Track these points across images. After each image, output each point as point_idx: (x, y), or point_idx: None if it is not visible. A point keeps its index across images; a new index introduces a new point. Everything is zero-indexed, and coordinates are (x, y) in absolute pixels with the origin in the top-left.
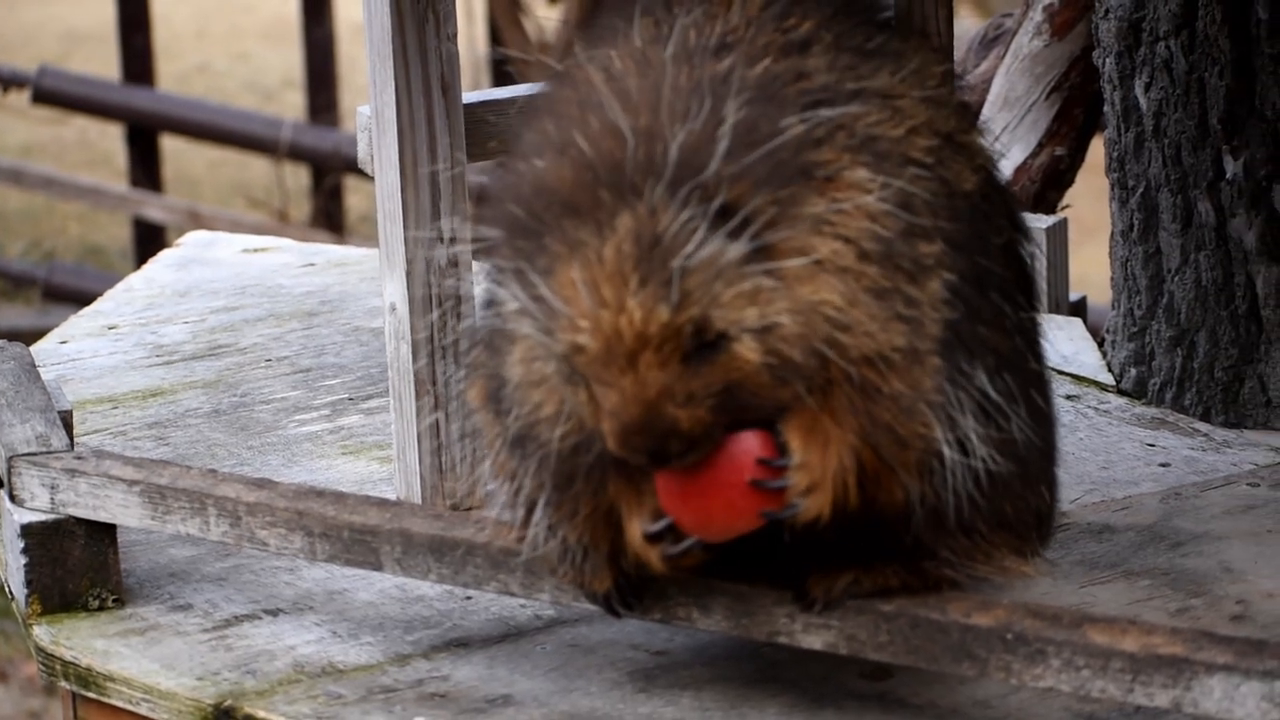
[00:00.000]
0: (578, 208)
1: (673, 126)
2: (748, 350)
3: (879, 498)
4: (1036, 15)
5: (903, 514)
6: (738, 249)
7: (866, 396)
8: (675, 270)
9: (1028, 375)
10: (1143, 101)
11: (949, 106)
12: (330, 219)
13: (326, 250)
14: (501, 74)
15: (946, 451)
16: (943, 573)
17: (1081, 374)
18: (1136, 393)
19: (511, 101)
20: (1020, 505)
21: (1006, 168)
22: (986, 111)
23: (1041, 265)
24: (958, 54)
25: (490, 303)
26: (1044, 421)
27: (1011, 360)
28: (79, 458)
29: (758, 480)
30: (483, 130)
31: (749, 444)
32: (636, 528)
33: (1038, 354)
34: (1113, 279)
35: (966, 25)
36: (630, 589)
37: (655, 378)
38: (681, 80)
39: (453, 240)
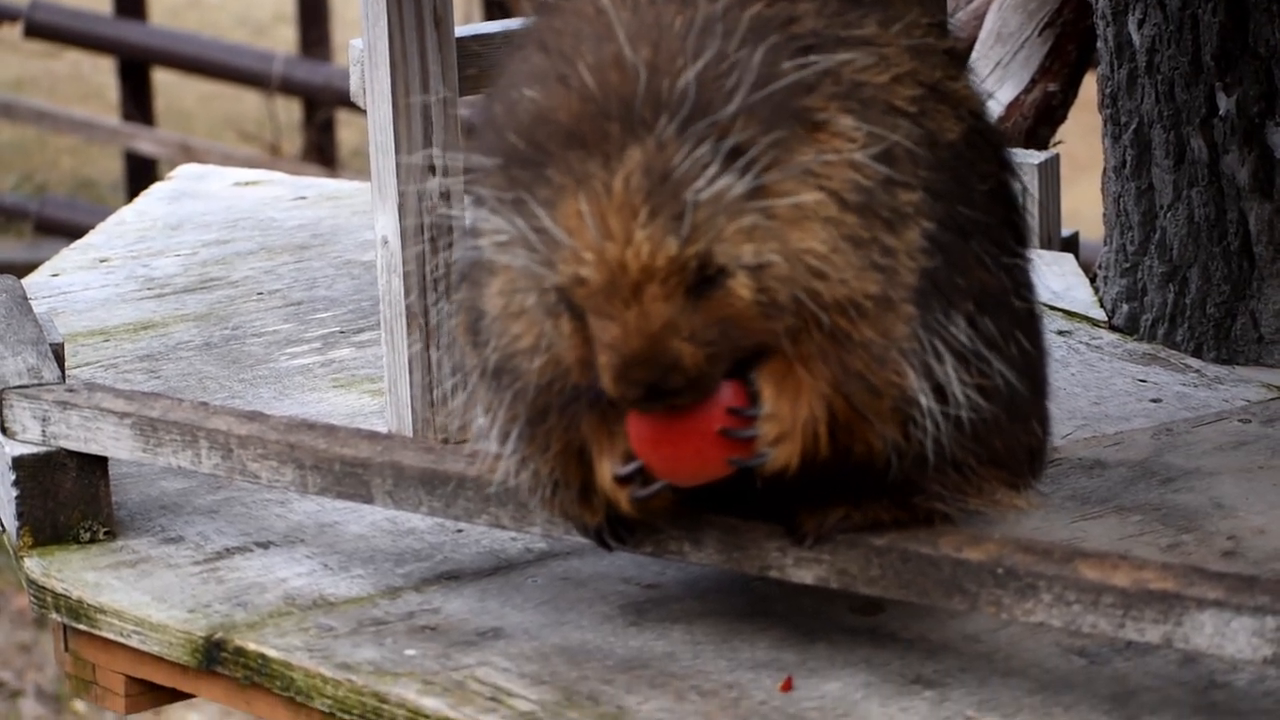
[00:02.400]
0: (584, 139)
1: (684, 63)
2: (742, 287)
3: (854, 447)
4: None
5: (884, 460)
6: (741, 186)
7: (838, 344)
8: (687, 203)
9: (1013, 316)
10: (1136, 37)
11: (936, 55)
12: (322, 153)
13: (318, 184)
14: (493, 8)
15: (922, 399)
16: (933, 506)
17: (1073, 310)
18: (1128, 328)
19: (503, 35)
20: (1011, 441)
21: (999, 104)
22: (979, 48)
23: (1034, 201)
24: None
25: (473, 233)
26: (1032, 361)
27: (995, 304)
28: (70, 390)
29: (727, 429)
30: (475, 64)
31: (721, 392)
32: (607, 468)
33: (1025, 294)
34: (1105, 215)
35: None
36: (622, 523)
37: (660, 310)
38: (678, 19)
39: (445, 173)
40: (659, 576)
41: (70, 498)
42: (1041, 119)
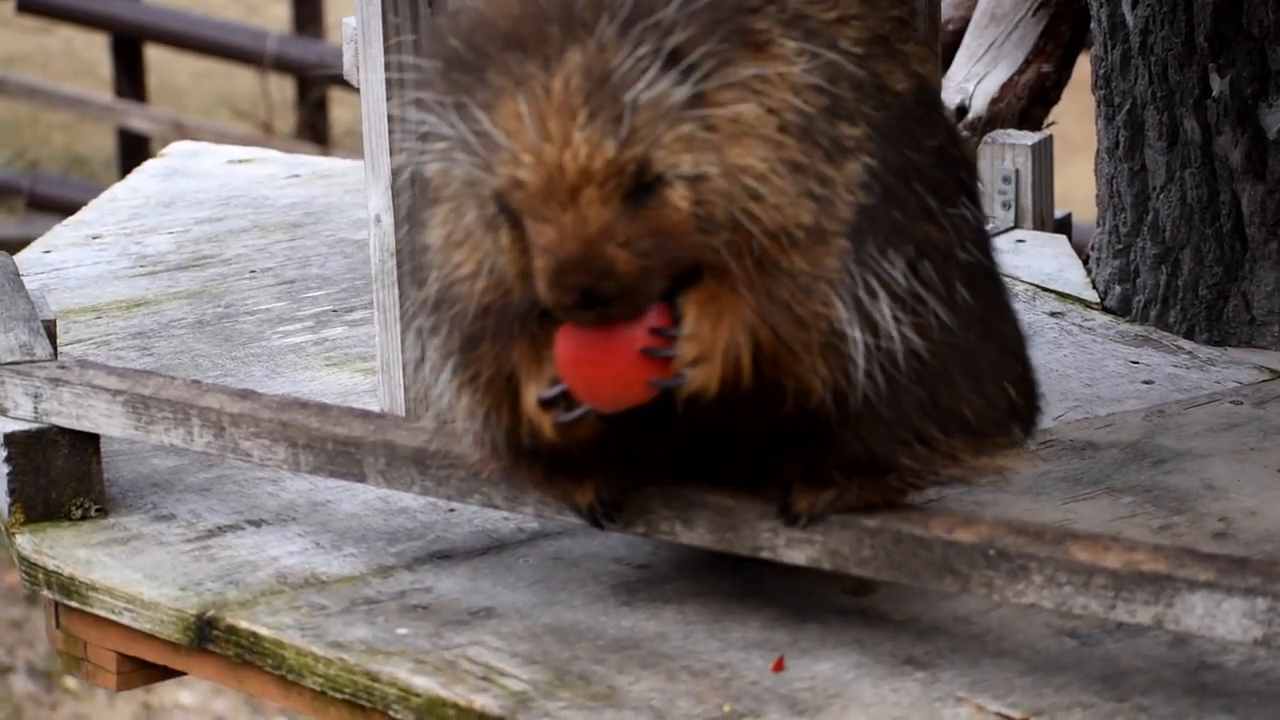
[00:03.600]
0: (523, 41)
1: None
2: (679, 197)
3: (786, 383)
4: None
5: (824, 406)
6: (681, 93)
7: (765, 272)
8: (626, 105)
9: (957, 266)
10: (1130, 18)
11: (886, 14)
12: (315, 131)
13: (311, 162)
14: None
15: (853, 333)
16: (913, 483)
17: (1066, 291)
18: (1121, 310)
19: None
20: (977, 405)
21: (992, 84)
22: (972, 29)
23: (1027, 182)
24: None
25: (419, 140)
26: (979, 314)
27: (937, 252)
28: (63, 367)
29: (647, 348)
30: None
31: (647, 314)
32: (532, 392)
33: (973, 248)
34: (1098, 196)
35: None
36: (613, 502)
37: (596, 214)
38: None
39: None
40: (651, 557)
41: (62, 475)
42: (1035, 100)
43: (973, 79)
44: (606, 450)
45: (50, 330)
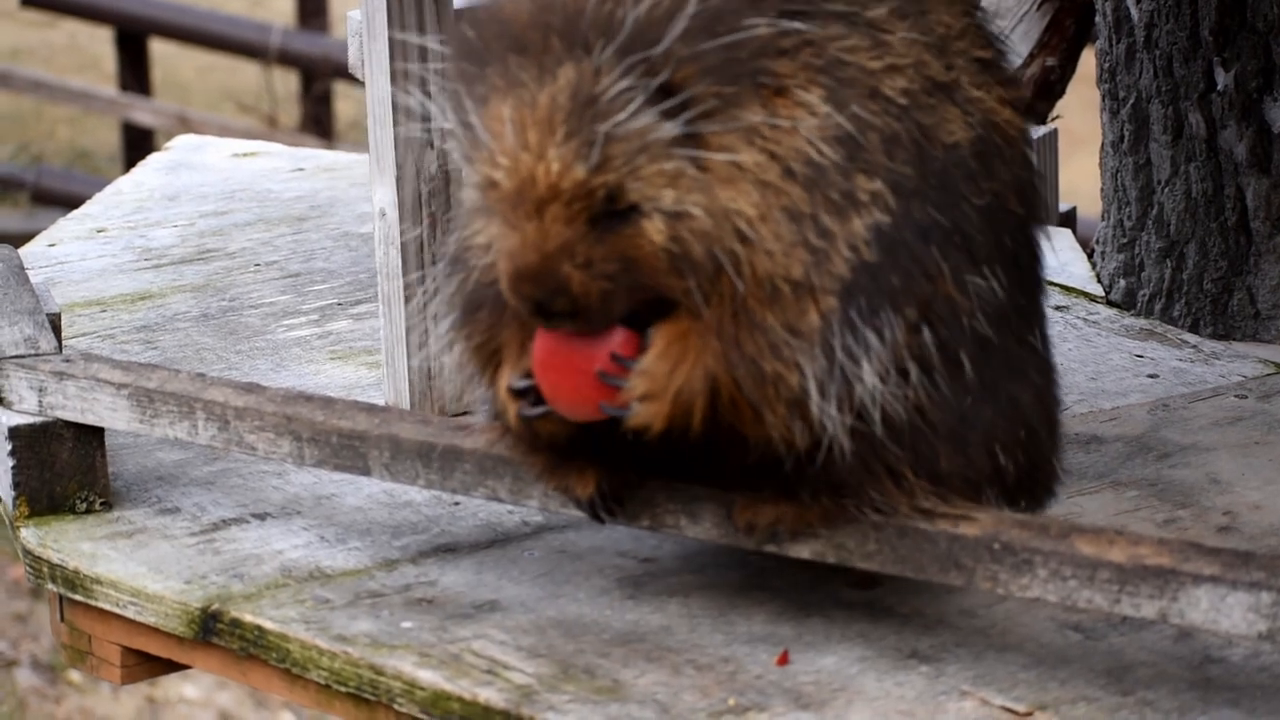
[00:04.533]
0: (526, 46)
1: None
2: (654, 229)
3: (744, 430)
4: None
5: (782, 449)
6: (670, 129)
7: (738, 323)
8: (600, 134)
9: (964, 338)
10: (1134, 12)
11: (960, 57)
12: (319, 125)
13: (316, 155)
14: None
15: (814, 399)
16: (865, 513)
17: (1070, 285)
18: (1125, 304)
19: None
20: (956, 462)
21: None
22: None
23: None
24: None
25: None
26: (996, 384)
27: (945, 319)
28: (67, 360)
29: (603, 372)
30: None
31: (614, 337)
32: (506, 377)
33: (990, 321)
34: (1103, 190)
35: None
36: (614, 496)
37: (557, 231)
38: None
39: (443, 146)
40: (655, 550)
41: (67, 468)
42: (1040, 93)
43: None
44: (599, 444)
45: (55, 324)
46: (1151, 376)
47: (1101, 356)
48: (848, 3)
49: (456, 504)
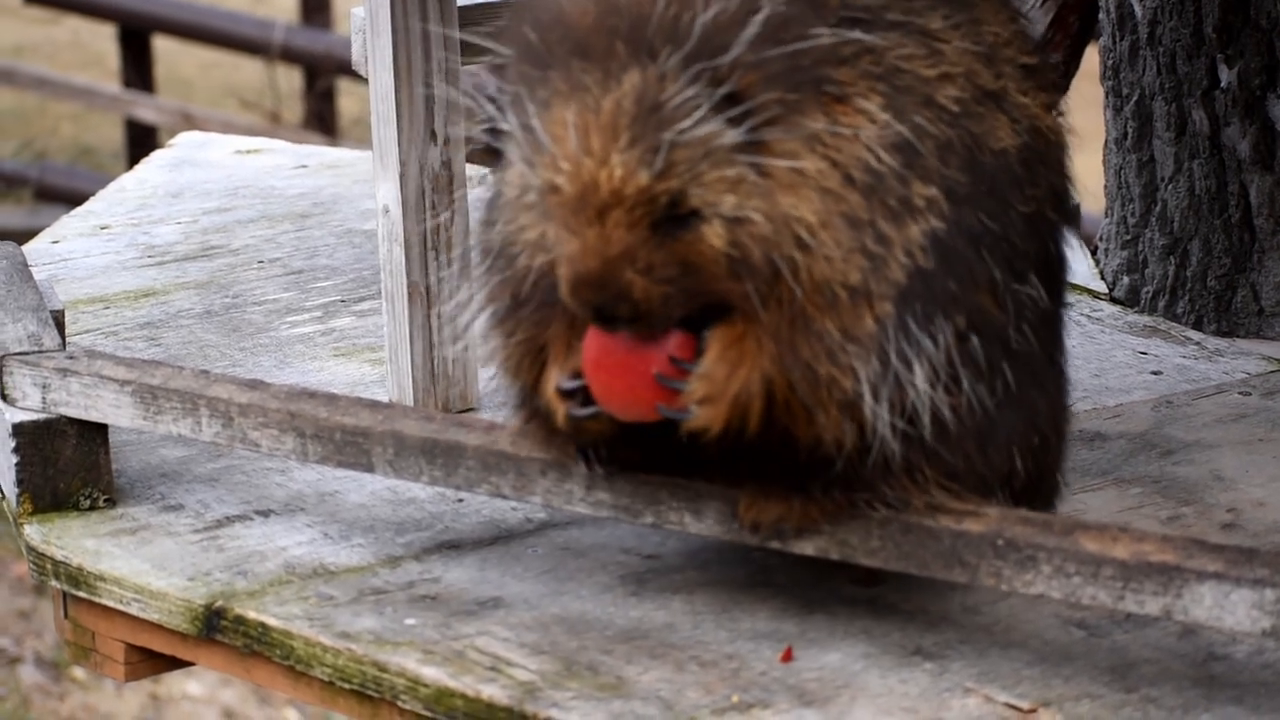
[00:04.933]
0: (590, 51)
1: (703, 1)
2: (715, 235)
3: (796, 432)
4: None
5: (835, 451)
6: (733, 136)
7: (795, 327)
8: (665, 141)
9: (1006, 349)
10: (1138, 9)
11: (1007, 64)
12: (323, 121)
13: (319, 152)
14: None
15: (867, 403)
16: (874, 508)
17: (1074, 281)
18: (1129, 301)
19: (505, 4)
20: (975, 462)
21: None
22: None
23: None
24: None
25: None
26: (1023, 391)
27: (989, 328)
28: (71, 357)
29: (661, 375)
30: (477, 32)
31: (671, 340)
32: (554, 377)
33: (1031, 333)
34: (1106, 187)
35: None
36: (609, 459)
37: (620, 237)
38: None
39: (446, 142)
40: (659, 547)
41: (70, 465)
42: None
43: None
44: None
45: (58, 321)
46: (1155, 373)
47: (1105, 353)
48: (904, 12)
49: (460, 501)
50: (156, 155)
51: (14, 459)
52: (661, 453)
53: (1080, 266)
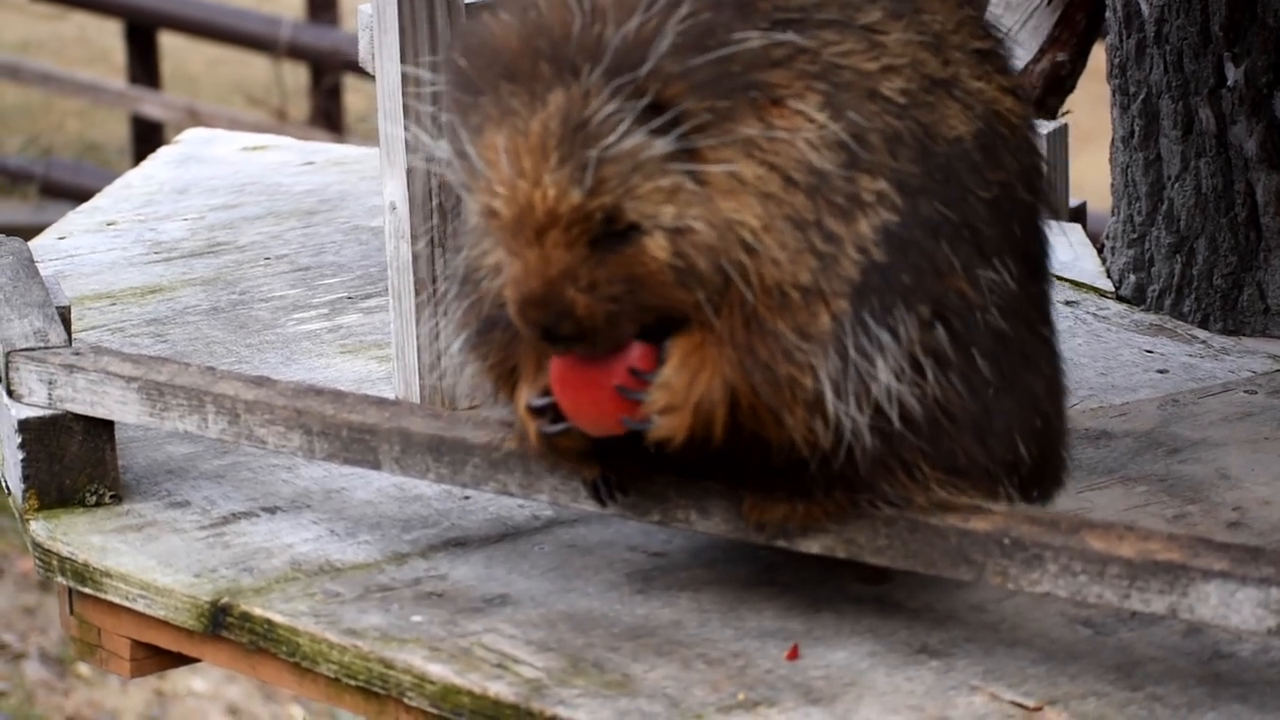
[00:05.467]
0: (517, 74)
1: (623, 12)
2: (657, 246)
3: (766, 435)
4: None
5: (808, 452)
6: (662, 146)
7: (750, 330)
8: (592, 158)
9: (981, 330)
10: (1145, 7)
11: (958, 51)
12: (329, 118)
13: (326, 149)
14: None
15: (829, 399)
16: (878, 507)
17: (1080, 280)
18: (1135, 299)
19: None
20: (976, 453)
21: None
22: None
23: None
24: None
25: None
26: (1012, 374)
27: (957, 314)
28: (77, 353)
29: (622, 386)
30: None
31: (631, 352)
32: (524, 395)
33: (1004, 314)
34: (1113, 185)
35: None
36: (618, 483)
37: (559, 256)
38: None
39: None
40: (666, 545)
41: (76, 461)
42: (1050, 89)
43: None
44: (615, 446)
45: (65, 317)
46: (1161, 372)
47: (1111, 352)
48: (840, 8)
49: (466, 498)
50: (163, 151)
51: (20, 455)
52: (658, 463)
53: (1087, 264)
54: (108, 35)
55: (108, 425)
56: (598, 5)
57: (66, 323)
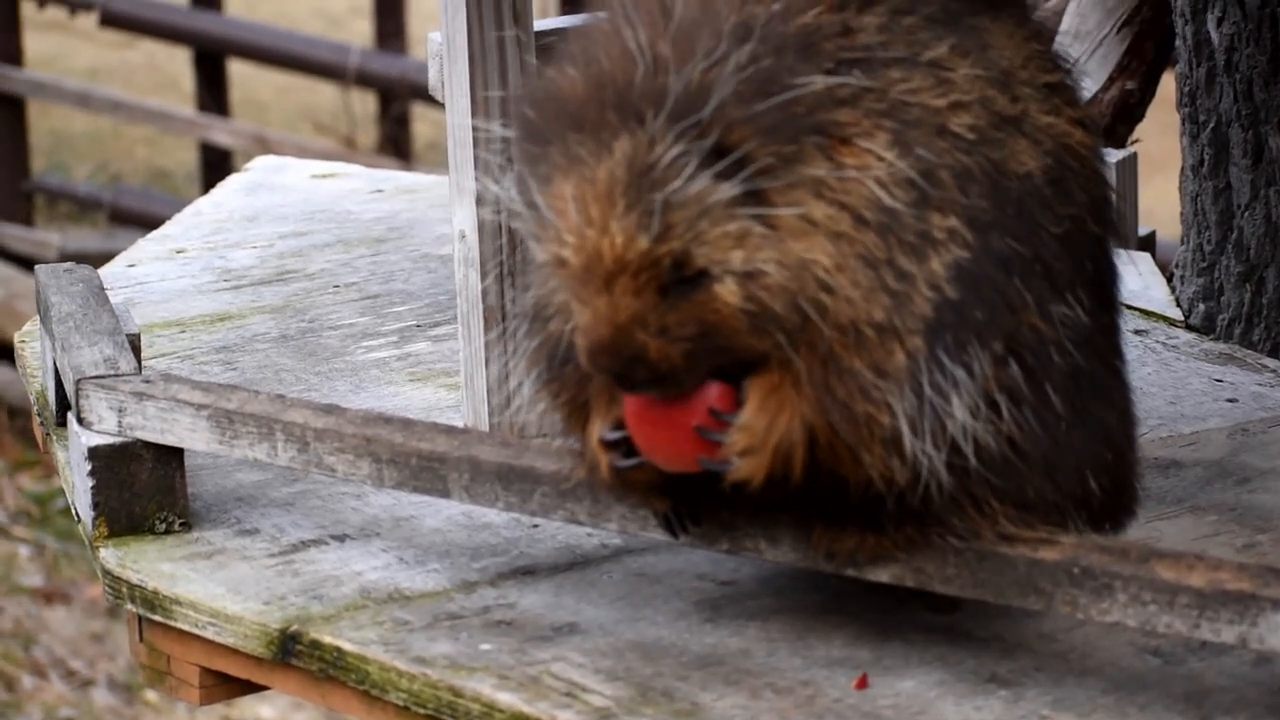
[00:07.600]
0: (583, 123)
1: (685, 59)
2: (728, 292)
3: (844, 473)
4: None
5: (884, 488)
6: (728, 190)
7: (826, 369)
8: (658, 202)
9: (1053, 366)
10: (1214, 36)
11: (1027, 87)
12: (397, 146)
13: (395, 176)
14: (569, 3)
15: (907, 437)
16: (947, 540)
17: (1150, 309)
18: (1205, 328)
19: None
20: (1045, 489)
21: None
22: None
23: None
24: None
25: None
26: (1084, 409)
27: (1031, 350)
28: (147, 381)
29: (701, 427)
30: (552, 58)
31: (709, 392)
32: (597, 429)
33: (1077, 349)
34: (1182, 214)
35: None
36: (690, 514)
37: (628, 304)
38: (722, 14)
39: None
40: (734, 573)
41: (146, 489)
42: (1119, 117)
43: None
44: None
45: (134, 344)
46: (1231, 401)
47: (1181, 381)
48: (907, 46)
49: (535, 526)
50: (232, 179)
51: (90, 482)
52: (730, 498)
53: (1156, 293)
54: (177, 62)
55: (177, 453)
56: (660, 54)
57: (136, 350)
